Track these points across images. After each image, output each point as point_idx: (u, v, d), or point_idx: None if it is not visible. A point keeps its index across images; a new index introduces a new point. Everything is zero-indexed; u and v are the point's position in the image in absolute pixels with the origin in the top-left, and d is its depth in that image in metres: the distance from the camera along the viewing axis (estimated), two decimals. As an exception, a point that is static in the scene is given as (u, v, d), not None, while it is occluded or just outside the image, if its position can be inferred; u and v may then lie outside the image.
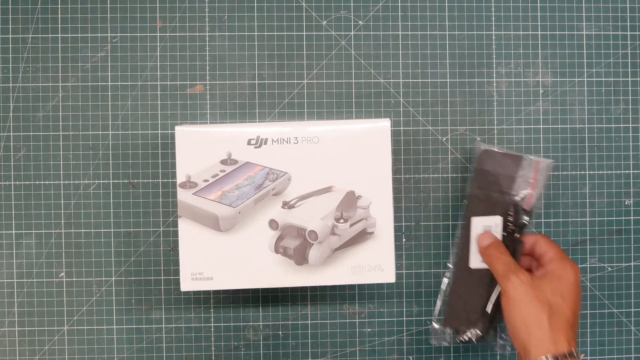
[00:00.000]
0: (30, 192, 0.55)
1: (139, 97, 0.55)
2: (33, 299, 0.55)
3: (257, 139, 0.48)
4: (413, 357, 0.57)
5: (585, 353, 0.57)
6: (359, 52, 0.56)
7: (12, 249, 0.55)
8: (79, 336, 0.55)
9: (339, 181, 0.48)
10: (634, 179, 0.57)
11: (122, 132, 0.55)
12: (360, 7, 0.56)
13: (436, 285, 0.57)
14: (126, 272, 0.55)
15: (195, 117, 0.55)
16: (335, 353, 0.56)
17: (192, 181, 0.48)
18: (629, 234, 0.57)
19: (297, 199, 0.48)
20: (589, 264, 0.57)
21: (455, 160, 0.57)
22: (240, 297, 0.56)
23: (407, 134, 0.56)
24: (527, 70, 0.57)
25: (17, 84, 0.55)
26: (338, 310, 0.56)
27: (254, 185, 0.48)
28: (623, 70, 0.57)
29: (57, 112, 0.55)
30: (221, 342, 0.56)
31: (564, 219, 0.57)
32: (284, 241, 0.48)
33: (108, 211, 0.55)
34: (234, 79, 0.56)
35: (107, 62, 0.55)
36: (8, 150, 0.55)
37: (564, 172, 0.57)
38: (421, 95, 0.56)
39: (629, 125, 0.57)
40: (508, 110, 0.57)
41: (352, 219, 0.48)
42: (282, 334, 0.56)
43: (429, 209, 0.56)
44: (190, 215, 0.48)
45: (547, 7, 0.57)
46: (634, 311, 0.57)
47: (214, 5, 0.55)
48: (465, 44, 0.57)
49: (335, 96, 0.56)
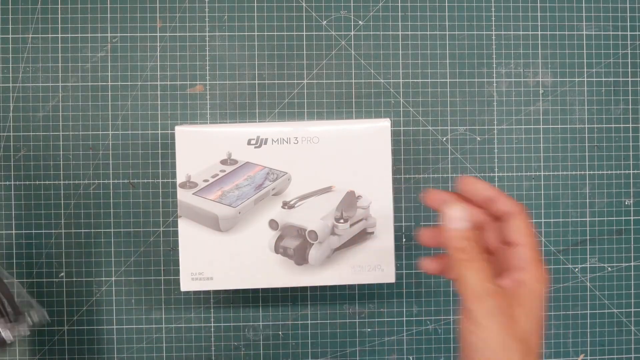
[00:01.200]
0: (30, 192, 0.55)
1: (139, 97, 0.55)
2: (33, 299, 0.55)
3: (257, 139, 0.48)
4: (413, 357, 0.57)
5: (585, 353, 0.57)
6: (359, 52, 0.56)
7: (12, 249, 0.55)
8: (79, 336, 0.55)
9: (339, 181, 0.48)
10: (634, 179, 0.57)
11: (122, 132, 0.55)
12: (360, 7, 0.56)
13: (436, 285, 0.57)
14: (126, 272, 0.55)
15: (195, 117, 0.55)
16: (335, 353, 0.56)
17: (192, 181, 0.48)
18: (629, 234, 0.57)
19: (297, 199, 0.48)
20: (589, 264, 0.57)
21: (455, 160, 0.57)
22: (240, 297, 0.56)
23: (407, 134, 0.56)
24: (527, 70, 0.57)
25: (17, 84, 0.55)
26: (338, 310, 0.56)
27: (254, 185, 0.48)
28: (623, 70, 0.57)
29: (57, 112, 0.55)
30: (221, 342, 0.56)
31: (564, 219, 0.57)
32: (284, 241, 0.48)
33: (108, 211, 0.55)
34: (234, 79, 0.56)
35: (107, 62, 0.55)
36: (8, 150, 0.55)
37: (564, 172, 0.57)
38: (421, 95, 0.56)
39: (629, 125, 0.57)
40: (508, 110, 0.57)
41: (352, 219, 0.48)
42: (282, 334, 0.56)
43: (429, 209, 0.56)
44: (190, 215, 0.48)
45: (547, 7, 0.57)
46: (634, 311, 0.57)
47: (214, 5, 0.55)
48: (465, 44, 0.57)
49: (335, 96, 0.56)
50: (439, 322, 0.57)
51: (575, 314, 0.57)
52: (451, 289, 0.57)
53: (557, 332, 0.57)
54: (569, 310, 0.57)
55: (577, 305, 0.57)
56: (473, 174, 0.56)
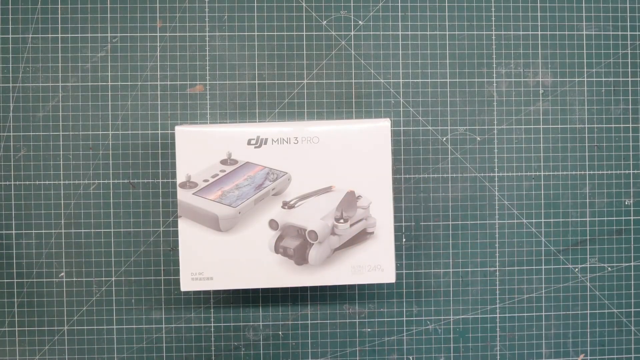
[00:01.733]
0: (30, 192, 0.55)
1: (139, 97, 0.55)
2: (33, 299, 0.55)
3: (257, 139, 0.48)
4: (413, 357, 0.57)
5: (585, 353, 0.57)
6: (359, 52, 0.56)
7: (12, 249, 0.55)
8: (79, 336, 0.55)
9: (339, 181, 0.48)
10: (634, 179, 0.57)
11: (122, 132, 0.55)
12: (360, 7, 0.56)
13: (436, 285, 0.57)
14: (126, 272, 0.55)
15: (195, 117, 0.55)
16: (335, 353, 0.56)
17: (192, 181, 0.48)
18: (629, 234, 0.57)
19: (297, 199, 0.48)
20: (589, 264, 0.57)
21: (455, 160, 0.57)
22: (240, 297, 0.56)
23: (407, 134, 0.56)
24: (527, 70, 0.57)
25: (17, 84, 0.55)
26: (338, 310, 0.56)
27: (254, 185, 0.48)
28: (623, 70, 0.57)
29: (57, 112, 0.55)
30: (221, 342, 0.56)
31: (564, 219, 0.57)
32: (284, 241, 0.48)
33: (108, 211, 0.55)
34: (234, 79, 0.56)
35: (107, 62, 0.55)
36: (8, 150, 0.55)
37: (564, 172, 0.57)
38: (421, 95, 0.56)
39: (629, 125, 0.57)
40: (508, 110, 0.57)
41: (352, 219, 0.48)
42: (282, 334, 0.56)
43: (429, 209, 0.56)
44: (190, 215, 0.48)
45: (547, 7, 0.57)
46: (634, 311, 0.57)
47: (214, 5, 0.55)
48: (465, 44, 0.57)
49: (335, 96, 0.56)
50: (439, 322, 0.57)
51: (575, 314, 0.57)
52: (451, 289, 0.57)
53: (557, 332, 0.57)
54: (569, 310, 0.57)
55: (577, 305, 0.57)
56: (473, 174, 0.57)
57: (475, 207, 0.57)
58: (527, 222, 0.57)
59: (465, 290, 0.57)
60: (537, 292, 0.57)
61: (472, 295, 0.57)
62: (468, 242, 0.57)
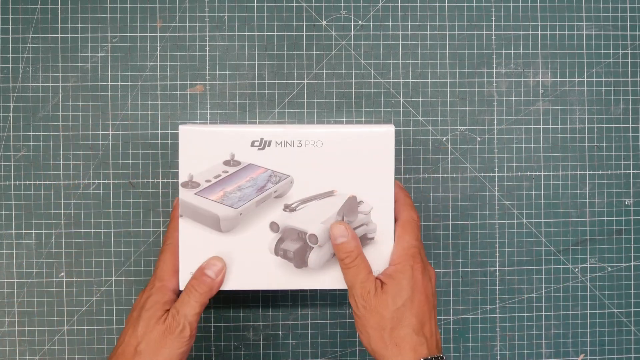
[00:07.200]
0: (30, 192, 0.55)
1: (139, 97, 0.55)
2: (33, 299, 0.55)
3: (261, 141, 0.48)
4: (413, 356, 0.57)
5: (585, 353, 0.58)
6: (359, 52, 0.56)
7: (12, 249, 0.55)
8: (79, 336, 0.55)
9: (341, 186, 0.48)
10: (634, 179, 0.57)
11: (122, 132, 0.55)
12: (360, 7, 0.56)
13: (436, 285, 0.57)
14: (126, 272, 0.55)
15: (195, 117, 0.55)
16: (335, 353, 0.57)
17: (194, 181, 0.48)
18: (629, 234, 0.57)
19: (299, 202, 0.48)
20: (589, 264, 0.57)
21: (455, 160, 0.57)
22: (240, 297, 0.56)
23: (407, 134, 0.56)
24: (527, 70, 0.57)
25: (17, 84, 0.54)
26: (338, 310, 0.57)
27: (256, 187, 0.48)
28: (623, 70, 0.57)
29: (57, 112, 0.55)
30: (221, 342, 0.56)
31: (564, 219, 0.57)
32: (284, 244, 0.48)
33: (108, 211, 0.55)
34: (234, 79, 0.55)
35: (107, 62, 0.55)
36: (8, 150, 0.55)
37: (564, 172, 0.57)
38: (421, 95, 0.56)
39: (629, 125, 0.57)
40: (508, 110, 0.57)
41: (353, 224, 0.48)
42: (282, 334, 0.56)
43: (429, 209, 0.57)
44: (191, 215, 0.48)
45: (547, 7, 0.57)
46: (634, 311, 0.58)
47: (214, 5, 0.55)
48: (465, 44, 0.57)
49: (335, 96, 0.56)
50: (439, 322, 0.57)
51: (575, 314, 0.57)
52: (451, 289, 0.57)
53: (557, 332, 0.57)
54: (569, 310, 0.57)
55: (577, 305, 0.57)
56: (473, 174, 0.57)
57: (475, 207, 0.57)
58: (527, 222, 0.57)
59: (465, 290, 0.57)
60: (537, 292, 0.57)
61: (472, 295, 0.57)
62: (468, 242, 0.57)
